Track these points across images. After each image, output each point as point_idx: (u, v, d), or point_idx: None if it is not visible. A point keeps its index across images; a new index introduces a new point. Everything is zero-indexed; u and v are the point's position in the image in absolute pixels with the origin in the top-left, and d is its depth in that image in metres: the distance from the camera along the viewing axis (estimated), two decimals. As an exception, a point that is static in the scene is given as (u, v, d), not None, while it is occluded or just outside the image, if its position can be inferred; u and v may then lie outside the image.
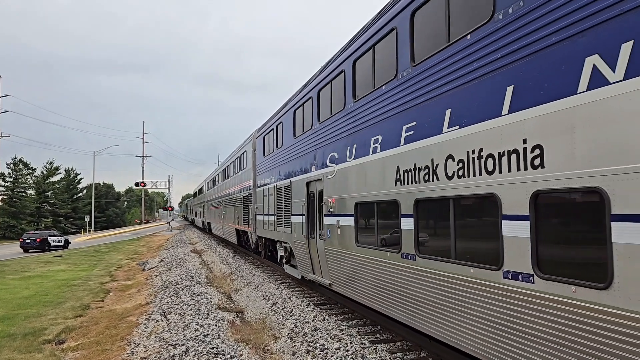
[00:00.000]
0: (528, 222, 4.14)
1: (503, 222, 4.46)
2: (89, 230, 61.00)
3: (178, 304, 11.37)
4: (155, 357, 7.29)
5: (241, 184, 21.61)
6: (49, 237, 36.75)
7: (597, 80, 3.48)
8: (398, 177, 6.52)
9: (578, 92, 3.64)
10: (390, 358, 6.84)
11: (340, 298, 10.11)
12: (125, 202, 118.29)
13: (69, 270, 22.15)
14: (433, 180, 5.65)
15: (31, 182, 70.01)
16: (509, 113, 4.38)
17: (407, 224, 6.28)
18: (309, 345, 7.57)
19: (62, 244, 37.73)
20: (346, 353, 7.08)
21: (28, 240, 35.56)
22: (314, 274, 10.84)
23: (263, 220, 16.13)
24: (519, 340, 4.30)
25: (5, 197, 65.09)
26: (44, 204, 70.72)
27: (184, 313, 10.30)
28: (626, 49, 3.27)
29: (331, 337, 7.98)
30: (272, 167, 14.75)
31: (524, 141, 4.19)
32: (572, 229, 4.00)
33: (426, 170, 5.80)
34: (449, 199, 5.37)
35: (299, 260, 11.96)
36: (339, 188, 8.86)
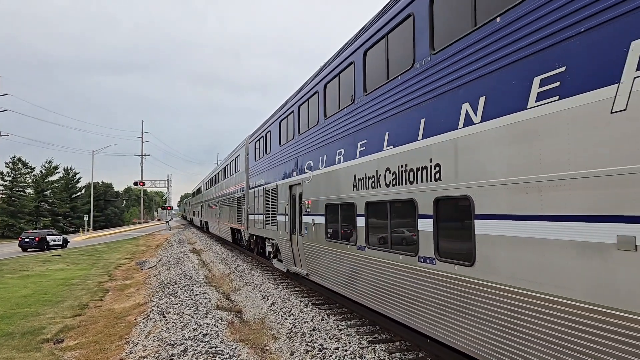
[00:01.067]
0: (432, 219, 5.63)
1: (419, 220, 5.95)
2: (88, 230, 61.11)
3: (177, 304, 11.38)
4: (153, 356, 7.35)
5: (235, 186, 22.92)
6: (47, 236, 36.70)
7: (468, 121, 4.98)
8: (355, 183, 8.01)
9: (458, 127, 5.14)
10: (388, 358, 6.90)
11: (340, 298, 10.46)
12: (124, 202, 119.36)
13: (67, 269, 22.18)
14: (377, 187, 7.15)
15: (30, 181, 70.58)
16: (422, 139, 5.88)
17: (360, 221, 7.78)
18: (307, 345, 7.62)
19: (60, 243, 37.73)
20: (345, 353, 7.10)
21: (26, 239, 35.49)
22: (295, 266, 12.31)
23: (254, 219, 17.53)
24: (427, 306, 5.80)
25: (3, 196, 65.74)
26: (42, 203, 71.45)
27: (183, 312, 10.32)
28: (482, 100, 4.77)
29: (330, 337, 8.02)
30: (262, 171, 16.19)
31: (430, 160, 5.69)
32: (455, 224, 5.50)
33: (373, 179, 7.29)
34: (387, 202, 6.87)
35: (284, 254, 13.43)
36: (314, 191, 10.34)
